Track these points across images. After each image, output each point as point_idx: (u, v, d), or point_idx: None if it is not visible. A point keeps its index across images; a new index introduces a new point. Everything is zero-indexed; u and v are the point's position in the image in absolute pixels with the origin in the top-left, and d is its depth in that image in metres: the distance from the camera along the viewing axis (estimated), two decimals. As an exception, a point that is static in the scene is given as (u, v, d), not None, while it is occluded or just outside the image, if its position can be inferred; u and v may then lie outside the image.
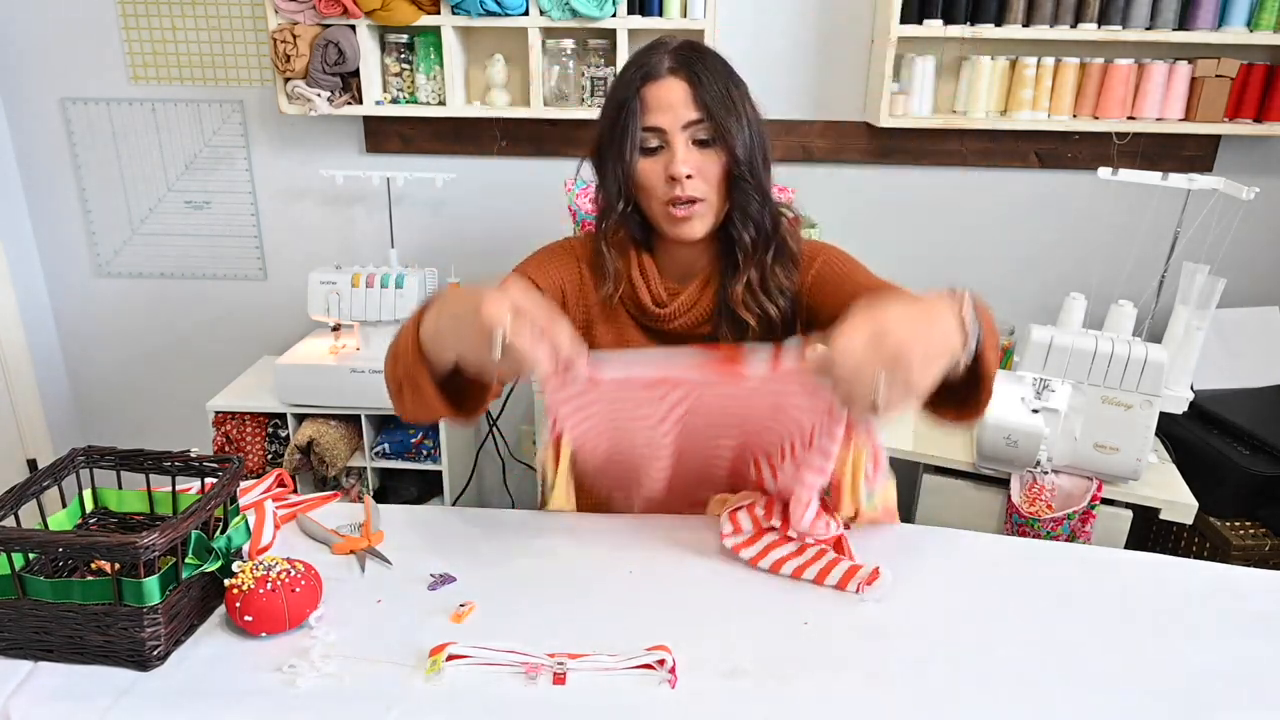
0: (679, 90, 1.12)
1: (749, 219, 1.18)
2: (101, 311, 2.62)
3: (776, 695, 0.80)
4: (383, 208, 2.39)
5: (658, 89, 1.12)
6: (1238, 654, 0.87)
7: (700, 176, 1.13)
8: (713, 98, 1.11)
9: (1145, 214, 2.19)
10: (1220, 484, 1.92)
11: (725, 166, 1.14)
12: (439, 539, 1.05)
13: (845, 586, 0.96)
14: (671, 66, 1.12)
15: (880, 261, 2.46)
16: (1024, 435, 1.69)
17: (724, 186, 1.16)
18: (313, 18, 2.13)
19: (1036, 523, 1.75)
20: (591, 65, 2.20)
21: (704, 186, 1.14)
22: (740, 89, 1.16)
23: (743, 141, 1.13)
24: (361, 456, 2.28)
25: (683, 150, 1.12)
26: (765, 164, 1.19)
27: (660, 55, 1.14)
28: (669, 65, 1.12)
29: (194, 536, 0.85)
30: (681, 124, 1.12)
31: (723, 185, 1.15)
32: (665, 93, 1.12)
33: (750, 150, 1.15)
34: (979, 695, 0.81)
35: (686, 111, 1.12)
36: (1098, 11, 2.03)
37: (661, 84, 1.12)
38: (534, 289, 1.23)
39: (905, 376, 0.81)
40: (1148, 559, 1.04)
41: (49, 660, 0.82)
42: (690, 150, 1.13)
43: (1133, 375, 1.71)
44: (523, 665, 0.82)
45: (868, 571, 0.96)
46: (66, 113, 2.41)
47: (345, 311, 2.18)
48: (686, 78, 1.12)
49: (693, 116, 1.12)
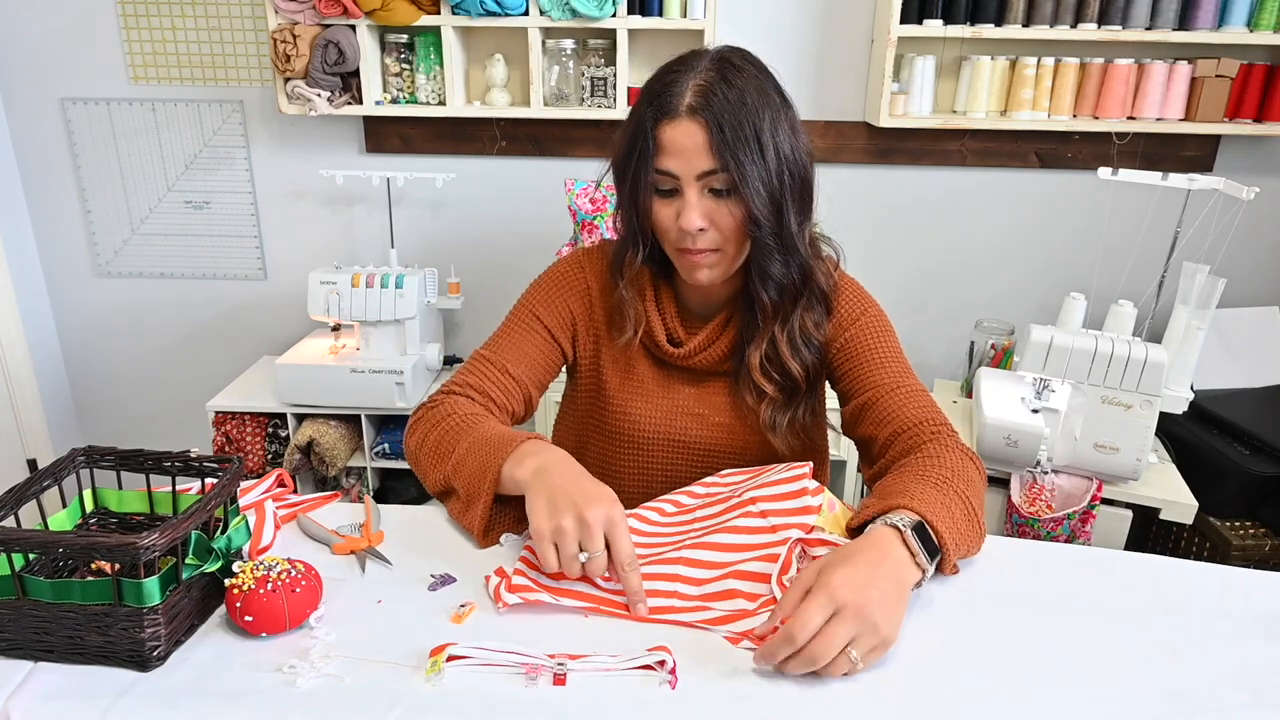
0: (695, 135, 1.01)
1: (769, 279, 1.09)
2: (101, 311, 2.62)
3: (776, 695, 0.80)
4: (383, 208, 2.39)
5: (673, 130, 1.02)
6: (1238, 654, 0.87)
7: (715, 228, 1.05)
8: (732, 145, 1.00)
9: (1145, 214, 2.19)
10: (1220, 484, 1.92)
11: (743, 219, 1.04)
12: (439, 539, 1.05)
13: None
14: (691, 105, 1.01)
15: (880, 261, 2.48)
16: (1024, 435, 1.69)
17: (742, 236, 1.06)
18: (313, 18, 2.13)
19: (1036, 523, 1.75)
20: (591, 65, 2.20)
21: (718, 238, 1.06)
22: (772, 120, 1.03)
23: (766, 192, 1.03)
24: (361, 456, 2.28)
25: (695, 200, 1.03)
26: (801, 203, 1.08)
27: (684, 84, 1.02)
28: (688, 103, 1.01)
29: (194, 537, 0.85)
30: (695, 173, 1.02)
31: (740, 235, 1.06)
32: (680, 136, 1.01)
33: (778, 197, 1.04)
34: (979, 695, 0.81)
35: (700, 161, 1.01)
36: (1098, 11, 2.03)
37: (677, 125, 1.01)
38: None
39: (873, 637, 0.81)
40: (1148, 559, 1.04)
41: (49, 660, 0.82)
42: (704, 199, 1.04)
43: (1133, 375, 1.71)
44: (523, 666, 0.82)
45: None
46: (66, 113, 2.41)
47: (345, 311, 2.18)
48: (704, 121, 1.00)
49: (707, 166, 1.01)
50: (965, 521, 0.97)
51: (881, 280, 2.43)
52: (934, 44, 2.13)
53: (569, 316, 1.24)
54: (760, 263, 1.09)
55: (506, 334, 1.23)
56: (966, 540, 0.96)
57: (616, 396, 1.24)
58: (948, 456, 1.03)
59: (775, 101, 1.05)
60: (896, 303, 2.44)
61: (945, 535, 0.92)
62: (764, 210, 1.03)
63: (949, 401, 2.22)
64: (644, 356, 1.23)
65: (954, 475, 1.00)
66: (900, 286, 2.46)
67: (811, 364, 1.17)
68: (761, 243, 1.06)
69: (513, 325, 1.23)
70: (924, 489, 0.97)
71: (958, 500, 0.97)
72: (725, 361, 1.19)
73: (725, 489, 1.07)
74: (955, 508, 0.96)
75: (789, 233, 1.07)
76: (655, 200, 1.07)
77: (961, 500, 0.97)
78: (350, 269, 2.20)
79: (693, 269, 1.10)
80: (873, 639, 0.81)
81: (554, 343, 1.24)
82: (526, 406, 1.22)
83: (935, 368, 2.50)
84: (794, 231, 1.07)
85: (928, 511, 0.92)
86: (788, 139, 1.04)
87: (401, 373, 2.15)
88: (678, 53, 1.09)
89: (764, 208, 1.03)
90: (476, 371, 1.18)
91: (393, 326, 2.21)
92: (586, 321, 1.25)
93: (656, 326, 1.20)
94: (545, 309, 1.24)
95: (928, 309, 2.48)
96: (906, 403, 1.11)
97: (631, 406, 1.23)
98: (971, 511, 0.98)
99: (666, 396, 1.23)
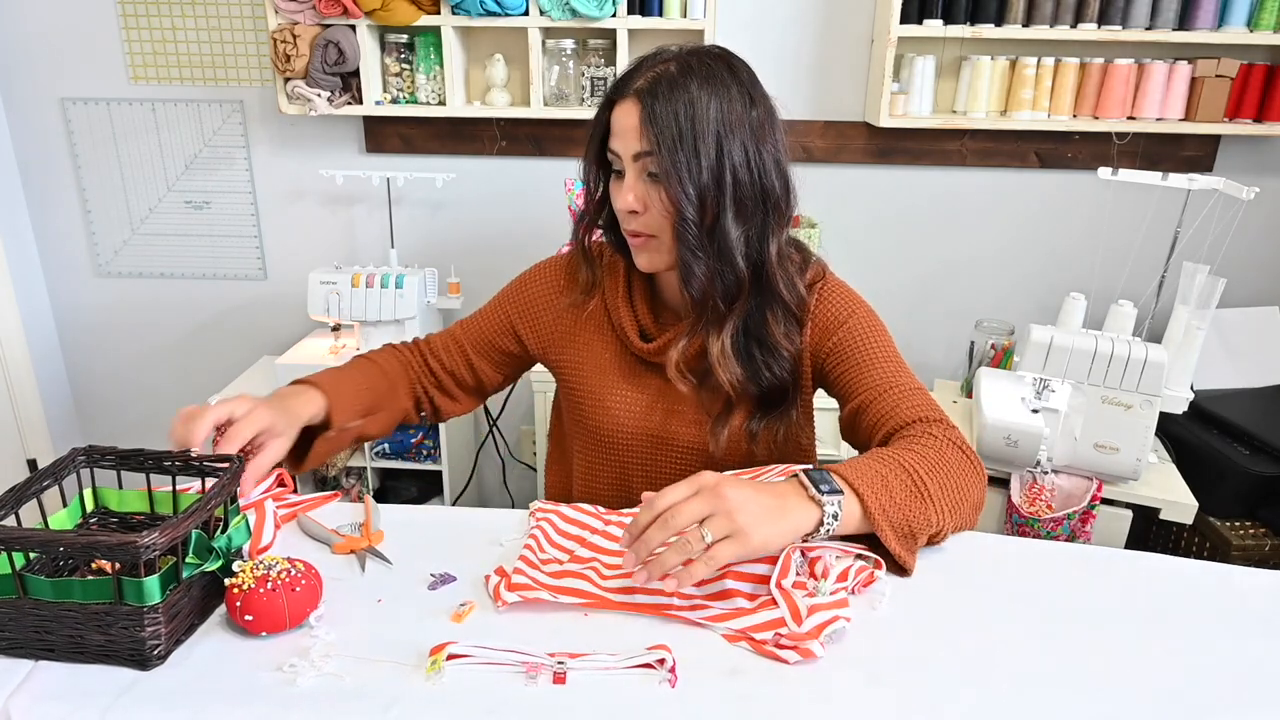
0: (632, 115, 1.03)
1: (693, 275, 1.07)
2: (101, 311, 2.63)
3: (776, 695, 0.80)
4: (383, 208, 2.39)
5: (619, 111, 1.05)
6: (1238, 654, 0.87)
7: (651, 211, 1.06)
8: (662, 131, 1.00)
9: (1145, 214, 2.19)
10: (1220, 484, 1.92)
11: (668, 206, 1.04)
12: (439, 539, 1.05)
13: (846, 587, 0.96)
14: (638, 87, 1.03)
15: (880, 261, 2.48)
16: (1024, 435, 1.69)
17: (672, 224, 1.06)
18: (313, 18, 2.13)
19: (1036, 523, 1.75)
20: (591, 65, 2.20)
21: (655, 222, 1.06)
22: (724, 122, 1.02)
23: (694, 187, 1.01)
24: (361, 456, 2.28)
25: (633, 180, 1.05)
26: (743, 213, 1.05)
27: (644, 70, 1.05)
28: (636, 85, 1.04)
29: (194, 536, 0.85)
30: (632, 153, 1.04)
31: (670, 223, 1.06)
32: (623, 115, 1.05)
33: (706, 195, 1.02)
34: (979, 695, 0.81)
35: (634, 141, 1.03)
36: (1098, 11, 2.03)
37: (622, 106, 1.05)
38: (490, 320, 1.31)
39: (728, 522, 0.84)
40: (1148, 559, 1.04)
41: (49, 659, 0.82)
42: (640, 182, 1.05)
43: (1133, 375, 1.71)
44: (523, 664, 0.82)
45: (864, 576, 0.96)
46: (66, 113, 2.41)
47: (345, 311, 2.18)
48: (643, 103, 1.02)
49: (640, 148, 1.03)
50: (906, 493, 0.94)
51: (881, 280, 2.43)
52: (934, 44, 2.13)
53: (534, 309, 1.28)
54: (683, 258, 1.06)
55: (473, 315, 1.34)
56: (904, 508, 0.94)
57: (593, 393, 1.24)
58: (924, 442, 1.02)
59: (737, 105, 1.03)
60: (896, 303, 2.45)
61: (857, 485, 0.92)
62: (689, 205, 1.02)
63: (949, 401, 2.22)
64: (619, 354, 1.23)
65: (912, 454, 0.99)
66: (900, 286, 2.46)
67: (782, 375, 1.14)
68: (685, 237, 1.04)
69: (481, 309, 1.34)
70: (859, 460, 0.97)
71: (897, 469, 0.96)
72: (698, 360, 1.17)
73: None
74: (891, 476, 0.95)
75: (720, 234, 1.05)
76: (611, 180, 1.11)
77: (905, 471, 0.96)
78: (350, 269, 2.20)
79: (636, 253, 1.12)
80: (727, 524, 0.84)
81: (509, 329, 1.30)
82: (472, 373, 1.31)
83: (935, 368, 2.50)
84: (729, 237, 1.05)
85: (842, 468, 0.94)
86: (743, 145, 1.03)
87: (401, 373, 2.15)
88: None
89: (690, 203, 1.02)
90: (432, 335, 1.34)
91: (393, 326, 2.21)
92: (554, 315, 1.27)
93: (628, 322, 1.20)
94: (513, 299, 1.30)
95: (928, 309, 2.48)
96: (901, 403, 1.09)
97: (610, 402, 1.23)
98: (918, 483, 0.96)
99: (641, 392, 1.22)
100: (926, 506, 0.96)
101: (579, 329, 1.25)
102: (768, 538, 0.87)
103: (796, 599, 0.89)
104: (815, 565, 0.94)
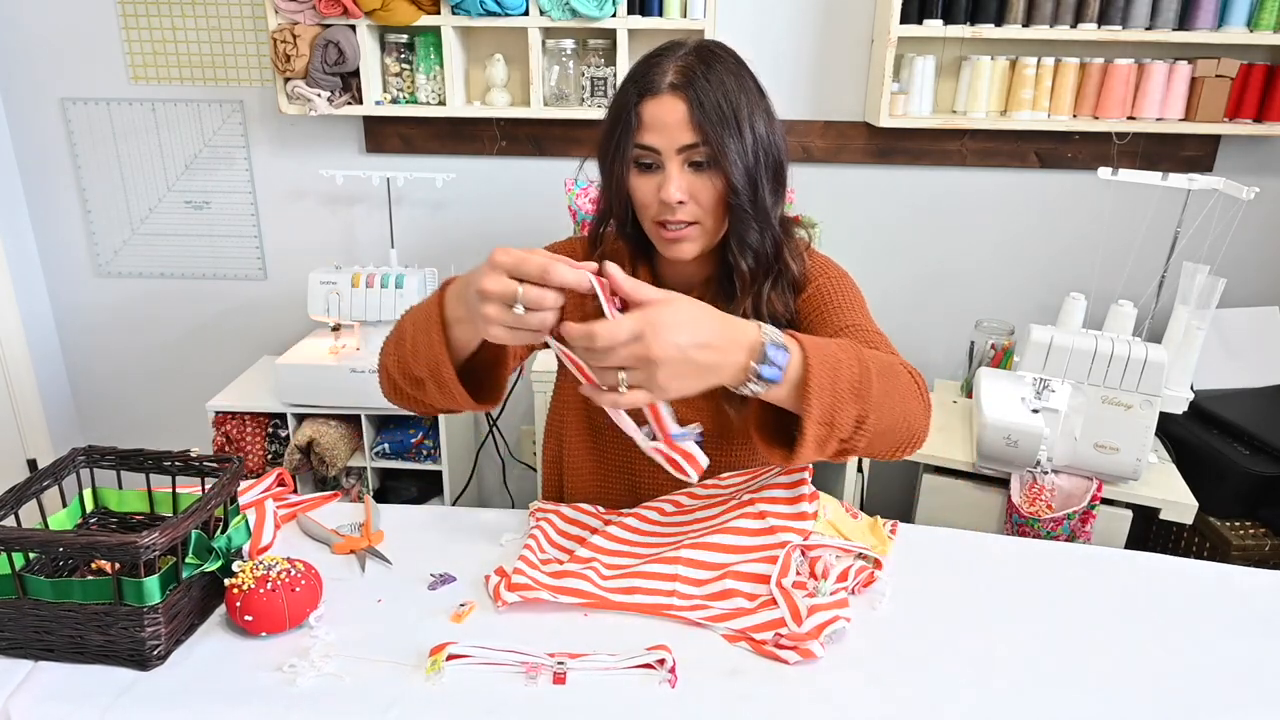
0: (677, 110, 1.05)
1: (747, 247, 1.12)
2: (101, 311, 2.62)
3: (776, 695, 0.80)
4: (383, 208, 2.39)
5: (655, 106, 1.06)
6: (1238, 654, 0.87)
7: (695, 201, 1.08)
8: (712, 120, 1.04)
9: (1145, 214, 2.19)
10: (1220, 484, 1.92)
11: (722, 191, 1.08)
12: (439, 539, 1.05)
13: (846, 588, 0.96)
14: (673, 82, 1.05)
15: (880, 261, 2.48)
16: (1024, 435, 1.69)
17: (720, 210, 1.10)
18: (313, 18, 2.13)
19: (1036, 523, 1.75)
20: (591, 65, 2.20)
21: (698, 210, 1.09)
22: (749, 103, 1.07)
23: (744, 166, 1.07)
24: (361, 456, 2.28)
25: (676, 174, 1.07)
26: (775, 183, 1.11)
27: (665, 66, 1.07)
28: (670, 80, 1.06)
29: (194, 536, 0.85)
30: (676, 147, 1.06)
31: (719, 209, 1.10)
32: (662, 111, 1.05)
33: (754, 172, 1.08)
34: (979, 695, 0.81)
35: (682, 134, 1.05)
36: (1098, 11, 2.03)
37: (659, 101, 1.06)
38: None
39: (646, 379, 0.82)
40: (1148, 559, 1.04)
41: (49, 659, 0.82)
42: (684, 174, 1.07)
43: (1133, 375, 1.71)
44: (523, 665, 0.82)
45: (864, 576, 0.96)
46: (66, 113, 2.41)
47: (345, 311, 2.18)
48: (686, 97, 1.05)
49: (688, 140, 1.05)
50: (851, 373, 0.90)
51: (881, 280, 2.43)
52: (934, 44, 2.13)
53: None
54: (739, 232, 1.11)
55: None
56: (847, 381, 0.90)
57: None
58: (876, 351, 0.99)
59: (751, 89, 1.09)
60: (896, 303, 2.45)
61: (810, 352, 0.88)
62: (742, 182, 1.07)
63: (949, 401, 2.22)
64: None
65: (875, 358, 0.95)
66: (900, 286, 2.46)
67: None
68: (740, 211, 1.09)
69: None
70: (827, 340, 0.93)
71: (851, 354, 0.92)
72: None
73: (725, 491, 1.07)
74: (843, 358, 0.91)
75: (763, 206, 1.10)
76: (635, 176, 1.10)
77: (857, 360, 0.92)
78: (350, 269, 2.20)
79: (672, 243, 1.12)
80: (644, 377, 0.82)
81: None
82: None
83: (935, 368, 2.50)
84: (768, 205, 1.11)
85: (802, 337, 0.90)
86: (763, 123, 1.09)
87: (401, 373, 2.15)
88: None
89: (742, 179, 1.06)
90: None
91: (393, 326, 2.21)
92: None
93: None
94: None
95: (928, 309, 2.48)
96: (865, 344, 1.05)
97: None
98: (865, 373, 0.91)
99: None
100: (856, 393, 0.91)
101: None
102: (684, 391, 0.85)
103: (797, 599, 0.89)
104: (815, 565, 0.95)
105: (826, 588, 0.92)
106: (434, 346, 1.00)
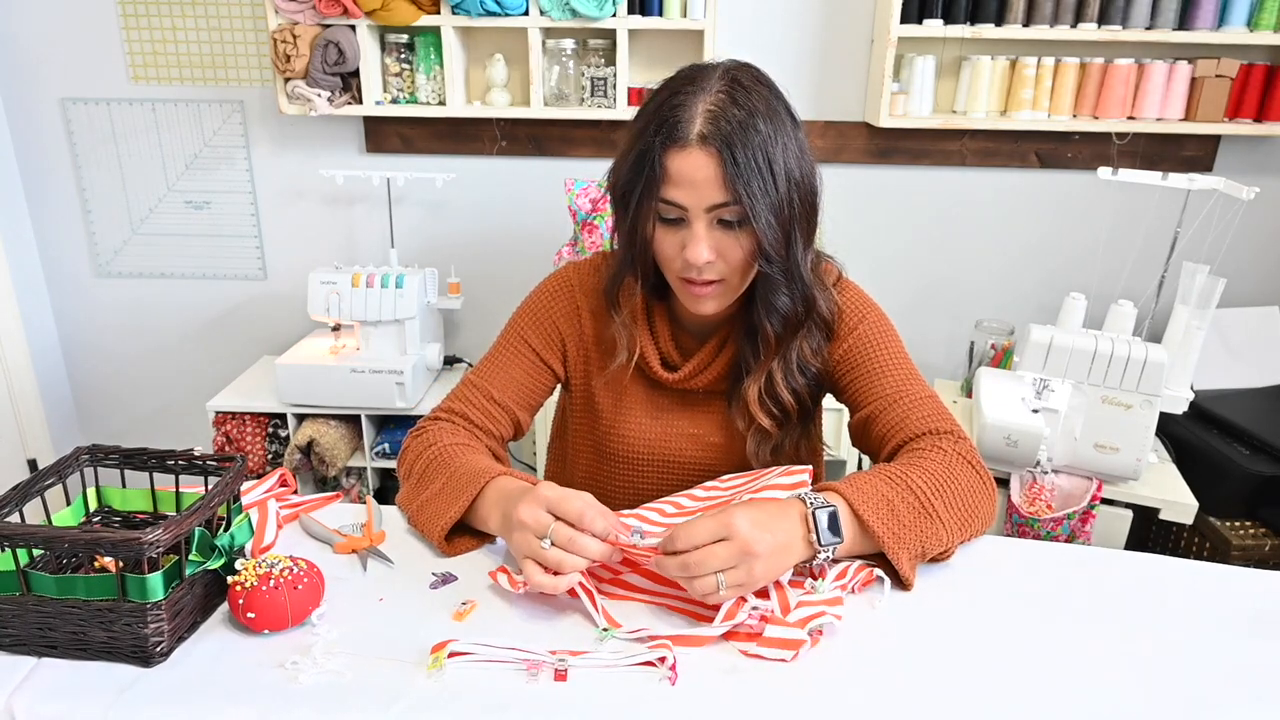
0: (707, 166, 0.96)
1: (774, 311, 1.07)
2: (101, 311, 2.63)
3: (776, 694, 0.80)
4: (383, 208, 2.39)
5: (683, 160, 0.97)
6: (1238, 654, 0.87)
7: (722, 259, 1.02)
8: (745, 177, 0.96)
9: (1145, 214, 2.19)
10: (1220, 484, 1.93)
11: (752, 250, 1.01)
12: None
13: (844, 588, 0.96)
14: (702, 132, 0.96)
15: (880, 262, 2.48)
16: (1024, 435, 1.69)
17: (748, 267, 1.03)
18: (313, 18, 2.13)
19: (1036, 523, 1.75)
20: (591, 65, 2.20)
21: (724, 269, 1.03)
22: (783, 144, 0.99)
23: (776, 223, 0.99)
24: (361, 456, 2.28)
25: (704, 233, 1.00)
26: (807, 226, 1.05)
27: (694, 109, 0.97)
28: (699, 130, 0.96)
29: (197, 533, 0.85)
30: (705, 206, 0.98)
31: (747, 266, 1.03)
32: (690, 166, 0.97)
33: (787, 226, 1.01)
34: (979, 695, 0.81)
35: (711, 193, 0.97)
36: (1098, 11, 2.03)
37: (687, 155, 0.97)
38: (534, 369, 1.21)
39: (746, 577, 0.85)
40: (1148, 559, 1.04)
41: (52, 656, 0.82)
42: (712, 232, 1.00)
43: (1133, 375, 1.71)
44: (524, 662, 0.82)
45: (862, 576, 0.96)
46: (66, 113, 2.41)
47: (345, 311, 2.18)
48: (716, 151, 0.96)
49: (718, 199, 0.98)
50: (913, 514, 0.95)
51: (881, 280, 2.43)
52: (934, 44, 2.14)
53: (558, 337, 1.22)
54: (766, 295, 1.06)
55: (495, 358, 1.22)
56: (913, 532, 0.94)
57: (607, 416, 1.23)
58: (932, 457, 1.02)
59: (786, 124, 1.01)
60: (896, 303, 2.44)
61: (870, 521, 0.92)
62: (773, 241, 1.00)
63: (949, 401, 2.22)
64: (637, 379, 1.21)
65: (921, 473, 0.98)
66: (900, 286, 2.46)
67: (806, 391, 1.15)
68: (769, 276, 1.04)
69: (501, 349, 1.23)
70: (868, 479, 0.97)
71: (905, 493, 0.96)
72: (721, 383, 1.18)
73: (726, 492, 1.07)
74: (898, 501, 0.95)
75: (795, 262, 1.04)
76: (660, 227, 1.03)
77: (913, 494, 0.96)
78: (350, 269, 2.20)
79: (696, 300, 1.07)
80: (744, 578, 0.85)
81: (543, 365, 1.22)
82: (515, 429, 1.22)
83: (935, 368, 2.50)
84: (799, 259, 1.05)
85: (850, 495, 0.94)
86: (797, 162, 1.01)
87: (402, 373, 2.15)
88: (678, 53, 1.07)
89: (773, 239, 1.00)
90: (463, 398, 1.19)
91: (393, 326, 2.21)
92: (576, 341, 1.23)
93: (650, 352, 1.17)
94: (534, 331, 1.22)
95: (928, 309, 2.48)
96: (910, 413, 1.08)
97: (624, 428, 1.22)
98: (926, 506, 0.96)
99: (660, 418, 1.22)
100: (935, 525, 0.96)
101: (600, 355, 1.22)
102: (770, 580, 0.90)
103: (789, 594, 0.90)
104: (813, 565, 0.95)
105: (825, 587, 0.92)
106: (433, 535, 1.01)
